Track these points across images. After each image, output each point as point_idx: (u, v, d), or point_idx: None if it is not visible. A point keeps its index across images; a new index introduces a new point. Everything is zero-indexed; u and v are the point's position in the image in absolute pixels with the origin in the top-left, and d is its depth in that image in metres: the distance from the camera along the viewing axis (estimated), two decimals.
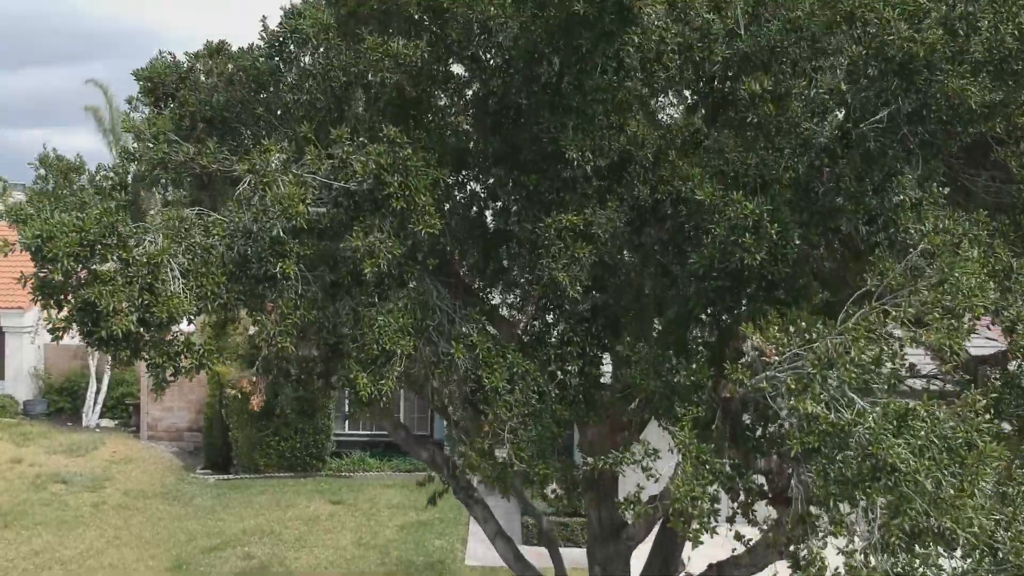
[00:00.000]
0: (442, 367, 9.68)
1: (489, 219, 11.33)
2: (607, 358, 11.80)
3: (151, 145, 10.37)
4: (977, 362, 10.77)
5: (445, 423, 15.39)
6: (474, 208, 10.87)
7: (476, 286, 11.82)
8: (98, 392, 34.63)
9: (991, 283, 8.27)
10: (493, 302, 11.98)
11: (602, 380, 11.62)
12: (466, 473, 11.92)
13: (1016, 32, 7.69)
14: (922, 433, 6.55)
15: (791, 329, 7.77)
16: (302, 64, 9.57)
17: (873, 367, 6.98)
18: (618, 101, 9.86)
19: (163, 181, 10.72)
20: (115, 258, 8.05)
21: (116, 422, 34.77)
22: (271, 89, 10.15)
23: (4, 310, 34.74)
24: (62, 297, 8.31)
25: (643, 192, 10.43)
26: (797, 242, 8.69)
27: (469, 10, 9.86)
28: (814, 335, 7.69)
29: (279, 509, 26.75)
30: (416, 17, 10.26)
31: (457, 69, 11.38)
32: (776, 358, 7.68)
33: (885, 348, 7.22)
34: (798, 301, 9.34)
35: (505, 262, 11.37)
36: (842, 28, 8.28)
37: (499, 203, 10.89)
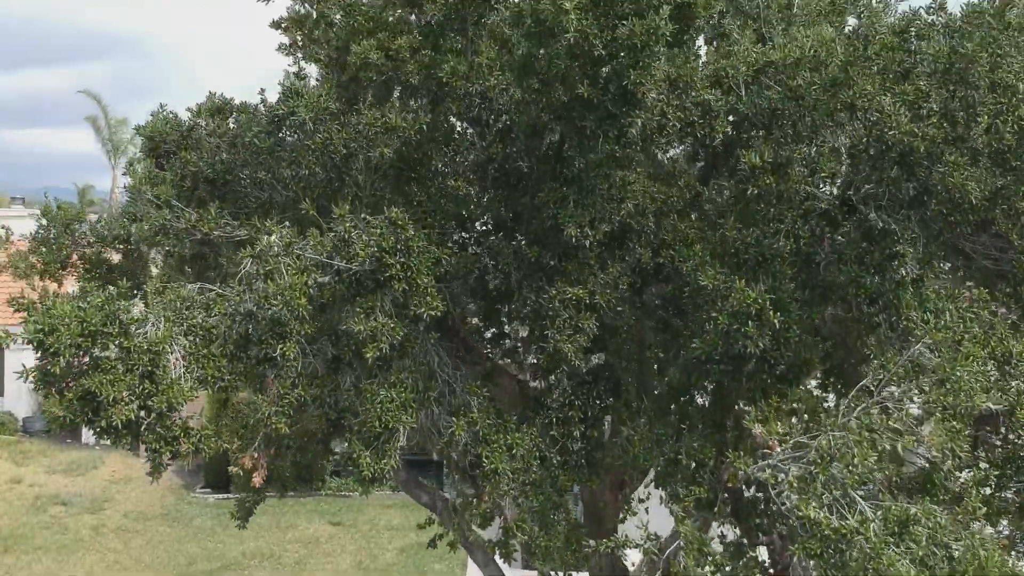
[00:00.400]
0: (442, 442, 9.69)
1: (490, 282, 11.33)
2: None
3: (152, 212, 10.36)
4: (978, 425, 10.80)
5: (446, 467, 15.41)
6: (475, 271, 10.85)
7: (476, 344, 11.82)
8: None
9: (991, 364, 8.31)
10: (495, 357, 11.99)
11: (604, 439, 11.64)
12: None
13: (1016, 127, 7.69)
14: (923, 542, 6.57)
15: (794, 420, 7.78)
16: (301, 140, 9.53)
17: (874, 470, 6.99)
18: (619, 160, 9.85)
19: (165, 247, 10.70)
20: (116, 345, 8.05)
21: None
22: (271, 163, 10.10)
23: (3, 324, 34.73)
24: (63, 385, 8.31)
25: (644, 255, 10.43)
26: (798, 329, 8.68)
27: (468, 83, 9.85)
28: (815, 427, 7.70)
29: (279, 530, 26.79)
30: (416, 84, 10.25)
31: (457, 125, 11.37)
32: (779, 449, 7.70)
33: (886, 447, 7.22)
34: (799, 376, 9.35)
35: (506, 327, 11.38)
36: (843, 116, 8.26)
37: (498, 265, 10.86)
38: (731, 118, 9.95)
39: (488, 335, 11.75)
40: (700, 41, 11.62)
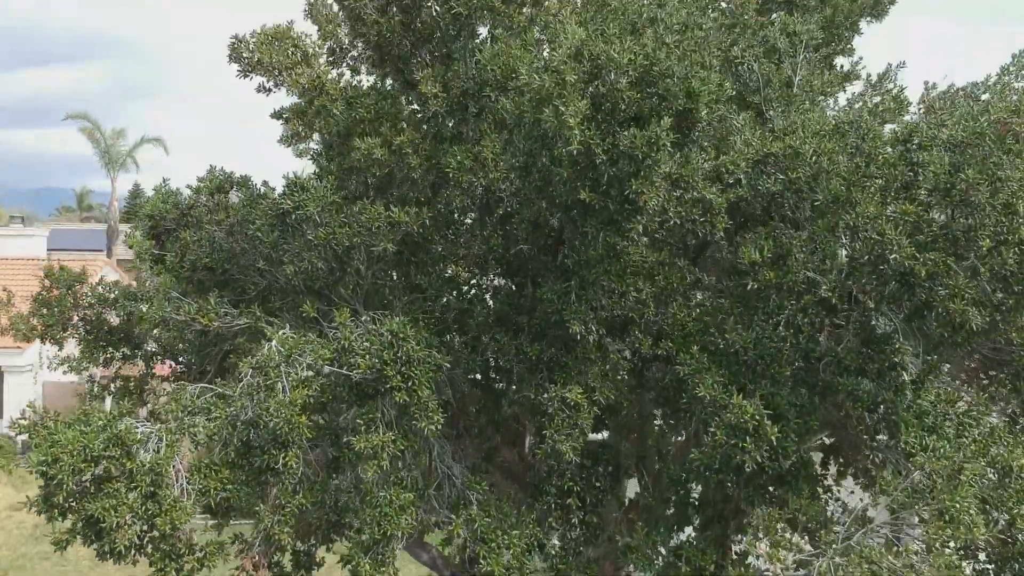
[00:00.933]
0: (442, 539, 9.71)
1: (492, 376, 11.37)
2: None
3: (154, 301, 10.38)
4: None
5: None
6: (475, 364, 10.85)
7: (477, 423, 11.83)
8: None
9: (990, 472, 8.34)
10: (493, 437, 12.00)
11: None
12: None
13: (1018, 251, 7.70)
14: None
15: (793, 539, 7.81)
16: (305, 236, 9.52)
17: None
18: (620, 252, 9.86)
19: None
20: (118, 466, 8.07)
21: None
22: (273, 256, 10.09)
23: (3, 349, 34.64)
24: (67, 507, 8.32)
25: (644, 343, 10.45)
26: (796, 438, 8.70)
27: (473, 176, 9.84)
28: (817, 539, 7.73)
29: None
30: (418, 179, 10.25)
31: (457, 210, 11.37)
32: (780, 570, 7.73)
33: None
34: (797, 480, 9.36)
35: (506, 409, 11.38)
36: (844, 237, 8.27)
37: (500, 362, 10.88)
38: (730, 222, 9.97)
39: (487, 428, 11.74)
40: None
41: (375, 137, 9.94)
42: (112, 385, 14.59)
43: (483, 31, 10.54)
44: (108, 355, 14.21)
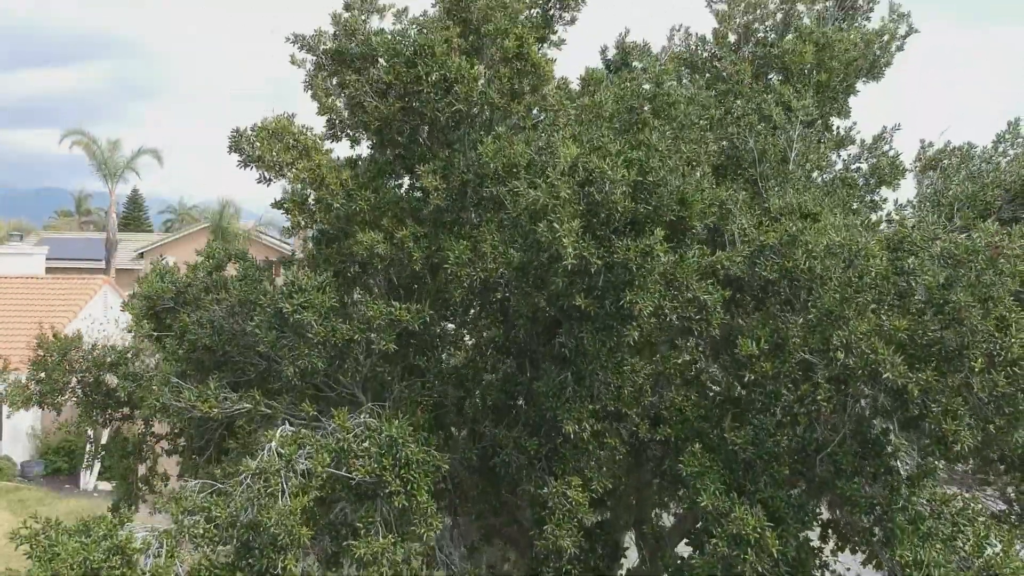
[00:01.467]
0: None
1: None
2: None
3: (151, 392, 10.44)
4: None
5: None
6: (473, 452, 10.92)
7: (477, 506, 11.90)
8: (95, 454, 34.65)
9: None
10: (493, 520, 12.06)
11: None
12: None
13: (1010, 371, 7.77)
14: None
15: None
16: (304, 335, 9.58)
17: None
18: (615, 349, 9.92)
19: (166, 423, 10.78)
20: None
21: (114, 484, 34.78)
22: (273, 353, 10.16)
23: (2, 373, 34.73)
24: None
25: (642, 427, 10.52)
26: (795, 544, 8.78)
27: (472, 269, 9.89)
28: None
29: None
30: (418, 271, 10.32)
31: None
32: None
33: None
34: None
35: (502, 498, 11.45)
36: (838, 356, 8.33)
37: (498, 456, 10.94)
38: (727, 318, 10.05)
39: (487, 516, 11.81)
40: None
41: (376, 230, 9.99)
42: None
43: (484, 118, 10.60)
44: (107, 416, 14.32)
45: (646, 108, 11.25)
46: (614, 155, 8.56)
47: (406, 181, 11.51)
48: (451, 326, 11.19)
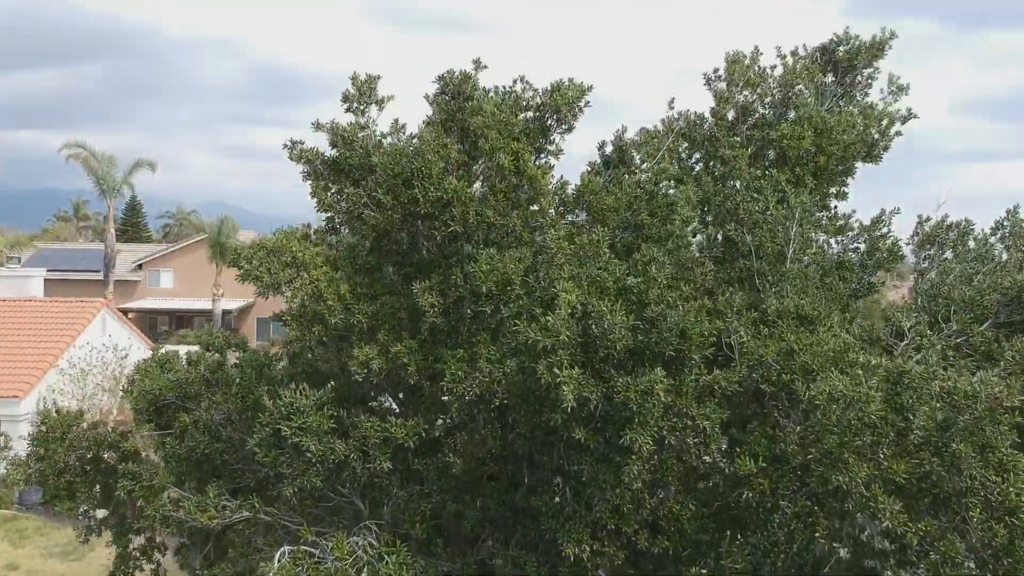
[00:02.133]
0: None
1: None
2: None
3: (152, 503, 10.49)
4: None
5: None
6: (471, 567, 10.95)
7: None
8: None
9: None
10: None
11: None
12: None
13: (1008, 522, 7.81)
14: None
15: None
16: (302, 454, 9.61)
17: None
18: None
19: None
20: None
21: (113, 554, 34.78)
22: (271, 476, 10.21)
23: (0, 399, 34.73)
24: None
25: (640, 537, 10.57)
26: None
27: (469, 383, 9.91)
28: None
29: None
30: (414, 383, 10.34)
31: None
32: None
33: None
34: None
35: None
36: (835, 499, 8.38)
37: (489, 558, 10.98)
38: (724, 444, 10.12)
39: None
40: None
41: (373, 343, 10.03)
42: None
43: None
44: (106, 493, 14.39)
45: (643, 214, 11.30)
46: (613, 293, 8.58)
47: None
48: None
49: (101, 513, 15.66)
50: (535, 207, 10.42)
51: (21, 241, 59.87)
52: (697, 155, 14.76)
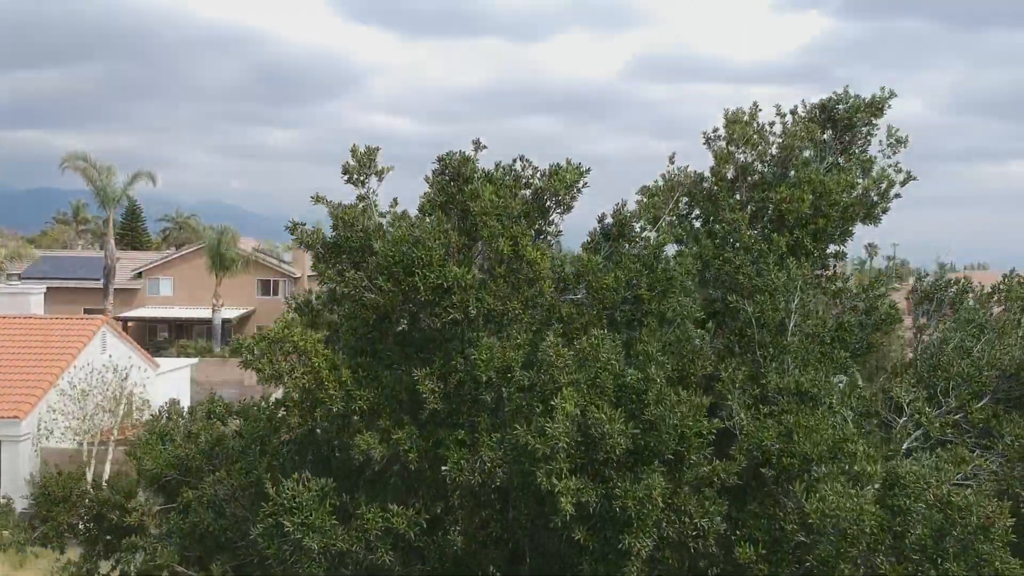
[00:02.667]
0: None
1: None
2: None
3: None
4: None
5: None
6: None
7: None
8: None
9: None
10: None
11: None
12: None
13: None
14: None
15: None
16: (303, 546, 9.66)
17: None
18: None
19: None
20: None
21: None
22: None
23: (0, 420, 34.77)
24: None
25: None
26: None
27: (471, 472, 9.90)
28: None
29: None
30: (415, 469, 10.39)
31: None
32: None
33: None
34: None
35: None
36: None
37: None
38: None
39: None
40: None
41: (373, 429, 10.08)
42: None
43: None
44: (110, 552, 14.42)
45: (643, 288, 11.35)
46: (612, 393, 8.64)
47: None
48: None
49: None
50: (534, 289, 10.46)
51: (21, 252, 59.76)
52: (697, 211, 14.79)
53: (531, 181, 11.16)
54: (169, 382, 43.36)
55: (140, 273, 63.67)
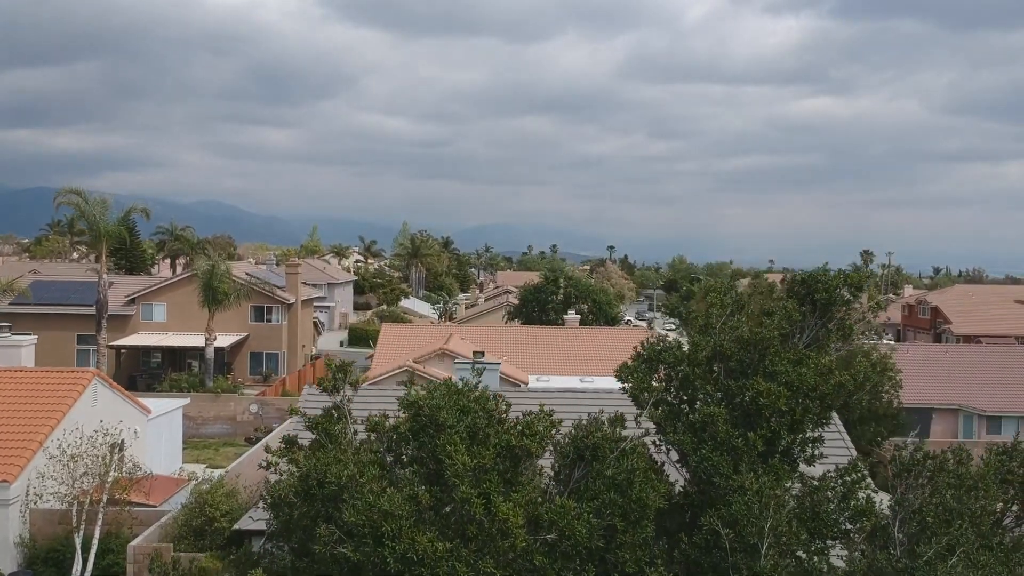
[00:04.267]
0: None
1: None
2: None
3: None
4: None
5: None
6: None
7: None
8: (84, 563, 34.78)
9: None
10: None
11: None
12: None
13: None
14: None
15: None
16: None
17: None
18: None
19: None
20: None
21: None
22: None
23: None
24: None
25: None
26: None
27: None
28: None
29: None
30: None
31: None
32: None
33: None
34: None
35: None
36: None
37: None
38: None
39: None
40: None
41: None
42: None
43: None
44: None
45: (616, 518, 11.38)
46: None
47: None
48: None
49: None
50: (506, 542, 10.48)
51: (15, 287, 59.29)
52: (674, 389, 14.75)
53: (504, 418, 11.17)
54: (161, 426, 43.34)
55: (133, 299, 63.58)
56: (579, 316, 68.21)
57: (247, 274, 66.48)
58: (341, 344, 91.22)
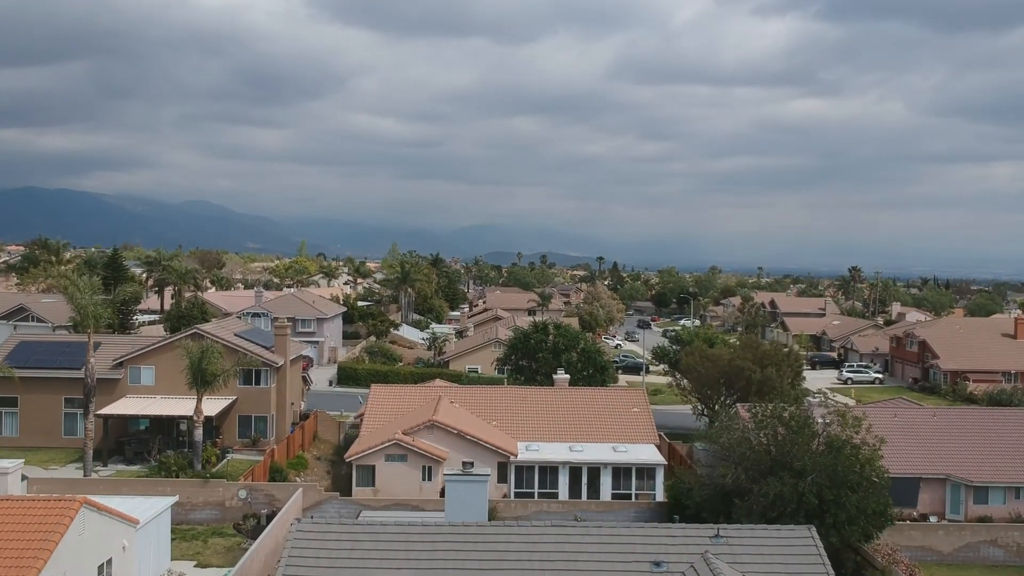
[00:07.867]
0: None
1: None
2: None
3: None
4: None
5: None
6: None
7: None
8: None
9: None
10: None
11: None
12: None
13: None
14: None
15: None
16: None
17: None
18: None
19: None
20: None
21: None
22: None
23: None
24: None
25: None
26: None
27: None
28: None
29: None
30: None
31: None
32: None
33: None
34: None
35: None
36: None
37: None
38: None
39: None
40: None
41: None
42: None
43: None
44: None
45: None
46: None
47: None
48: None
49: None
50: None
51: (2, 371, 58.48)
52: None
53: None
54: (150, 532, 43.16)
55: (121, 363, 63.12)
56: (568, 376, 68.31)
57: (236, 335, 66.08)
58: (330, 383, 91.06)
